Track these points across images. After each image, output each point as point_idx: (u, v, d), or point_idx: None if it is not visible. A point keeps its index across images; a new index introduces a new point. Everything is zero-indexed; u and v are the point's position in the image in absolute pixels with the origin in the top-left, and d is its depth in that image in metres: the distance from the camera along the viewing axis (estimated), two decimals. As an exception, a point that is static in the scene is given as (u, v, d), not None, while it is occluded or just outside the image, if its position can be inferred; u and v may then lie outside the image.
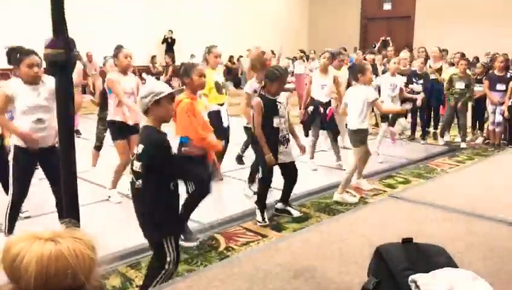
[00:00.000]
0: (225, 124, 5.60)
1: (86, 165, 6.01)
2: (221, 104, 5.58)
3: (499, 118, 7.82)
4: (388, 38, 13.39)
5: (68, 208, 2.01)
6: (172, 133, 3.89)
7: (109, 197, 5.06)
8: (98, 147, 6.05)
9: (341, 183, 5.14)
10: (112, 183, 5.07)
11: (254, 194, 5.36)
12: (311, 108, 6.28)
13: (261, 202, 4.57)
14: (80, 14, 10.92)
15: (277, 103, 4.40)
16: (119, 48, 5.03)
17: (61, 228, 0.79)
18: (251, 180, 5.40)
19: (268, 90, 4.36)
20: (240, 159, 6.57)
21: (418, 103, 7.72)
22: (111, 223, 4.50)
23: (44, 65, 2.12)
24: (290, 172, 4.60)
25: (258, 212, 4.54)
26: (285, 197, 4.74)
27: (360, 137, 5.06)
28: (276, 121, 4.36)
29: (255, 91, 5.33)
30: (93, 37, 12.43)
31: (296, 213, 4.66)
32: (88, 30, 12.72)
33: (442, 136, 8.15)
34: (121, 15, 13.81)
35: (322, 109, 6.24)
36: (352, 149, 5.17)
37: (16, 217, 3.80)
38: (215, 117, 5.42)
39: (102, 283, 0.78)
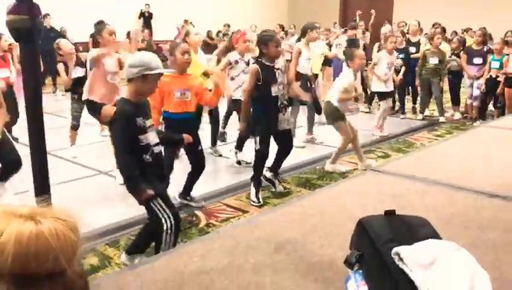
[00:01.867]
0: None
1: (64, 143, 5.89)
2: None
3: (476, 92, 7.88)
4: (360, 12, 13.22)
5: (39, 185, 1.91)
6: None
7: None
8: (74, 126, 5.91)
9: (333, 154, 5.20)
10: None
11: (238, 163, 5.32)
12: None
13: (257, 178, 4.42)
14: (52, -14, 10.53)
15: (275, 70, 4.26)
16: (101, 24, 4.87)
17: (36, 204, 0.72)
18: (239, 147, 5.39)
19: (267, 54, 4.17)
20: (222, 136, 6.50)
21: (398, 78, 7.77)
22: (89, 200, 4.41)
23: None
24: (285, 140, 4.49)
25: (252, 191, 4.35)
26: (275, 167, 4.65)
27: (338, 114, 5.27)
28: (274, 89, 4.22)
29: (236, 62, 5.26)
30: (67, 12, 12.04)
31: (279, 188, 4.61)
32: (61, 5, 12.31)
33: (422, 112, 8.20)
34: (95, -12, 13.39)
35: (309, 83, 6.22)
36: (334, 126, 5.23)
37: None
38: None
39: (84, 268, 0.73)
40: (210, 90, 4.15)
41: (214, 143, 5.96)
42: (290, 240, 2.46)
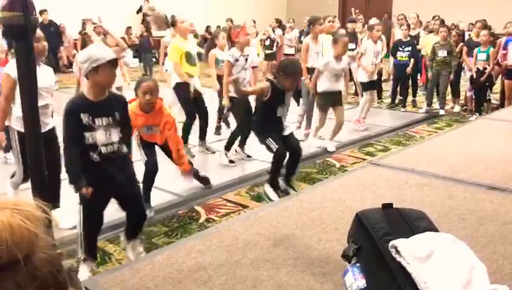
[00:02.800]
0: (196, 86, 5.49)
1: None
2: (192, 76, 5.41)
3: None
4: (357, 10, 13.13)
5: (36, 184, 1.91)
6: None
7: None
8: None
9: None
10: None
11: (230, 162, 5.27)
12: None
13: (276, 179, 4.30)
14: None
15: (285, 93, 4.22)
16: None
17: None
18: (228, 148, 5.33)
19: (281, 83, 4.12)
20: (218, 130, 6.49)
21: (408, 70, 7.76)
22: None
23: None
24: (292, 144, 4.37)
25: (270, 192, 4.24)
26: (288, 175, 4.50)
27: (323, 100, 5.65)
28: (280, 111, 4.22)
29: (237, 60, 5.20)
30: (64, 8, 12.00)
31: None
32: (59, 1, 12.28)
33: (429, 105, 8.11)
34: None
35: None
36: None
37: None
38: (182, 89, 5.32)
39: (54, 254, 0.72)
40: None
41: (202, 137, 5.80)
42: (288, 235, 2.47)
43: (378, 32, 6.96)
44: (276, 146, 4.10)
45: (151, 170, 3.90)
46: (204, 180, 4.55)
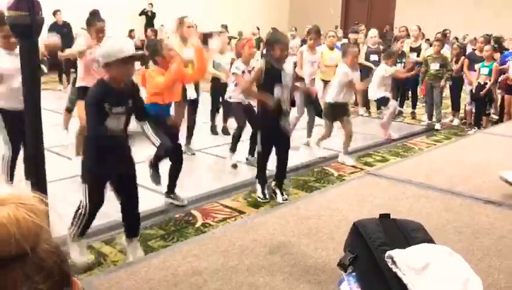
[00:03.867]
0: (192, 96, 5.46)
1: (63, 140, 5.88)
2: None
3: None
4: (356, 22, 13.22)
5: (34, 174, 1.92)
6: None
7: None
8: (68, 109, 6.03)
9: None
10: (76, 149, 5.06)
11: (233, 167, 5.29)
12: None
13: (261, 176, 4.45)
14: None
15: (281, 71, 4.13)
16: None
17: (26, 184, 0.75)
18: (233, 149, 5.37)
19: (272, 57, 4.08)
20: (214, 130, 6.52)
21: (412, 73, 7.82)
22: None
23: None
24: (283, 146, 4.42)
25: (258, 187, 4.42)
26: (279, 176, 4.54)
27: (331, 110, 5.58)
28: (277, 91, 4.11)
29: (243, 72, 5.20)
30: (70, 8, 12.00)
31: (279, 199, 4.47)
32: (66, 1, 12.30)
33: (429, 118, 8.12)
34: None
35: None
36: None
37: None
38: None
39: (57, 244, 0.75)
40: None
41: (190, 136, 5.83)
42: (285, 243, 2.47)
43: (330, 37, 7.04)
44: (261, 146, 4.23)
45: (168, 149, 3.79)
46: (155, 177, 4.23)
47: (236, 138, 5.38)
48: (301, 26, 12.90)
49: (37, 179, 2.03)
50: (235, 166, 5.32)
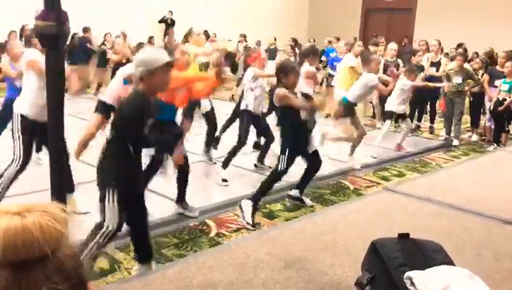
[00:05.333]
0: (207, 108, 5.51)
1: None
2: None
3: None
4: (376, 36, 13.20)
5: (55, 185, 1.94)
6: None
7: None
8: None
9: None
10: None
11: (223, 181, 5.20)
12: None
13: (259, 199, 4.22)
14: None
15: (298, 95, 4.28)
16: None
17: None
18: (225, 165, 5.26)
19: (285, 84, 4.16)
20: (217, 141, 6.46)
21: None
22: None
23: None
24: (314, 159, 4.44)
25: (248, 211, 4.09)
26: (302, 185, 4.56)
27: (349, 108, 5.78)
28: (303, 114, 4.25)
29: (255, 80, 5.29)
30: (87, 19, 12.18)
31: (308, 202, 4.52)
32: (81, 12, 12.49)
33: (448, 133, 8.04)
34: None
35: None
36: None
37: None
38: None
39: (76, 250, 0.84)
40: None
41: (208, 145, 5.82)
42: (300, 257, 2.45)
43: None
44: (285, 166, 4.12)
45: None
46: (180, 198, 4.23)
47: (232, 154, 5.29)
48: (320, 37, 12.90)
49: (58, 183, 2.05)
50: (225, 180, 5.20)
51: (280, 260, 2.42)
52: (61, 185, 2.06)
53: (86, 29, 11.80)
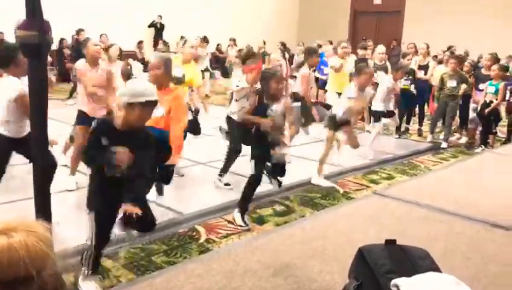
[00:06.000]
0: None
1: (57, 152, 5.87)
2: None
3: (472, 115, 7.85)
4: (365, 39, 13.26)
5: (39, 202, 1.91)
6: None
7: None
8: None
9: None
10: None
11: (226, 185, 5.18)
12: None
13: (245, 204, 4.30)
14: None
15: (268, 109, 4.19)
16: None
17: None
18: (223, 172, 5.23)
19: (268, 92, 4.09)
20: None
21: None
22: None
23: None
24: (277, 168, 4.38)
25: (238, 216, 4.16)
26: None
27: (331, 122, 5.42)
28: (264, 126, 4.07)
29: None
30: (80, 23, 12.15)
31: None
32: (74, 17, 12.43)
33: (431, 132, 8.09)
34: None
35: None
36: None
37: None
38: None
39: (59, 271, 0.84)
40: None
41: None
42: (289, 264, 2.44)
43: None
44: (255, 172, 4.09)
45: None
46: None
47: (229, 160, 5.25)
48: (309, 40, 12.93)
49: (43, 195, 2.03)
50: (227, 184, 5.19)
51: (269, 267, 2.42)
52: (46, 202, 2.03)
53: (79, 32, 11.79)
